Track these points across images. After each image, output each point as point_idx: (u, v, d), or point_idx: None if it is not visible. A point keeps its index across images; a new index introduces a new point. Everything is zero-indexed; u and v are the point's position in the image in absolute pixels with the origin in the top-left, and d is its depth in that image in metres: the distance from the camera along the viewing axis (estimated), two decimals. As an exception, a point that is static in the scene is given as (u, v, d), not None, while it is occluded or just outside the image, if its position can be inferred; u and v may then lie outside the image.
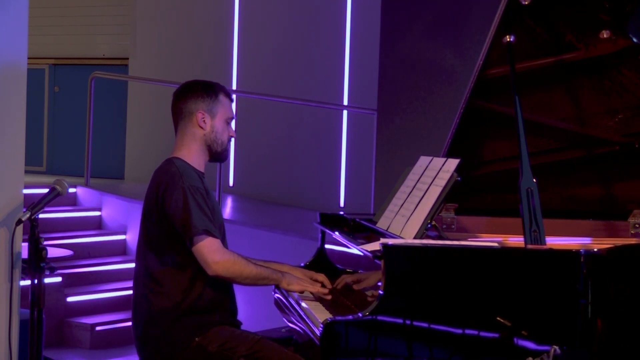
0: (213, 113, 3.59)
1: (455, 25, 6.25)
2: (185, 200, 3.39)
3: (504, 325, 3.12)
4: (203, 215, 3.39)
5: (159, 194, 3.46)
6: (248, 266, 3.44)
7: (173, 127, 3.70)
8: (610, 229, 4.00)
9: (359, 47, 8.25)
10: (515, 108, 3.48)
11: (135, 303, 3.56)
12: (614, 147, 3.99)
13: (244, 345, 3.40)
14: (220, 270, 3.37)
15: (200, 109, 3.59)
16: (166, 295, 3.44)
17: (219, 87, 3.66)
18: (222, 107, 3.62)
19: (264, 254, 3.90)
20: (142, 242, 3.55)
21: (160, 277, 3.46)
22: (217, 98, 3.61)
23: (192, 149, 3.59)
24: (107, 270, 7.15)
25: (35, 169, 9.64)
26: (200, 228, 3.36)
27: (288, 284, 3.53)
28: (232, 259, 3.40)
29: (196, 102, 3.60)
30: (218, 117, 3.60)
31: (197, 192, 3.43)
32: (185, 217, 3.37)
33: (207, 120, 3.58)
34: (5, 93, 3.95)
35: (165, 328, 3.43)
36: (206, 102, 3.59)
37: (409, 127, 6.45)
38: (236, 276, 3.42)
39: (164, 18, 9.66)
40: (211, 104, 3.60)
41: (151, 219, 3.50)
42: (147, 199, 3.55)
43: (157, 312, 3.45)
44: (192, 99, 3.61)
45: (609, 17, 3.75)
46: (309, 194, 8.33)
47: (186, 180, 3.44)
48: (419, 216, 3.44)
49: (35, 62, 9.35)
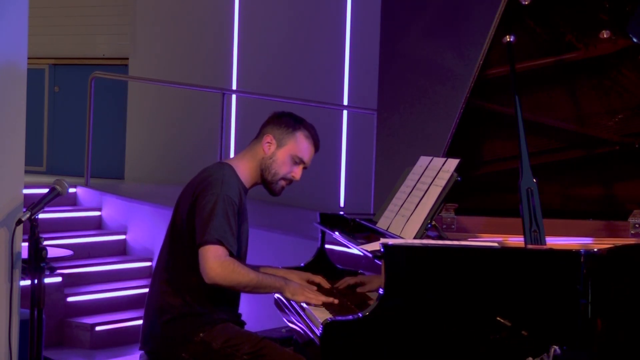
0: (281, 143, 3.60)
1: (455, 25, 6.24)
2: (215, 205, 3.38)
3: (504, 325, 3.12)
4: (226, 225, 3.37)
5: (195, 191, 3.47)
6: (247, 275, 3.39)
7: (175, 127, 3.70)
8: (610, 229, 4.00)
9: (359, 47, 8.25)
10: (515, 108, 3.48)
11: (149, 294, 3.59)
12: (614, 147, 3.99)
13: (247, 344, 3.42)
14: (217, 279, 3.34)
15: (271, 133, 3.61)
16: (177, 291, 3.47)
17: (303, 125, 3.66)
18: (294, 143, 3.61)
19: (264, 254, 3.90)
20: (168, 235, 3.58)
21: (174, 273, 3.49)
22: (293, 132, 3.62)
23: (247, 165, 3.61)
24: (107, 270, 7.15)
25: (35, 169, 9.65)
26: (215, 236, 3.34)
27: (292, 294, 3.49)
28: (231, 268, 3.35)
29: (272, 127, 3.63)
30: (285, 149, 3.60)
31: (230, 204, 3.42)
32: (207, 219, 3.36)
33: (272, 147, 3.60)
34: (5, 93, 3.95)
35: (171, 322, 3.46)
36: (281, 130, 3.61)
37: (409, 127, 6.45)
38: (234, 284, 3.38)
39: (164, 18, 9.66)
40: (284, 134, 3.61)
41: (182, 213, 3.51)
42: (185, 192, 3.56)
43: (166, 306, 3.47)
44: (272, 122, 3.65)
45: (609, 17, 3.74)
46: (309, 194, 8.33)
47: (225, 189, 3.43)
48: (419, 216, 3.44)
49: (35, 62, 9.36)
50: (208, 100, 8.82)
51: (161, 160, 9.59)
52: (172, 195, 3.96)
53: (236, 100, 9.05)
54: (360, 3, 8.27)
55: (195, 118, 9.25)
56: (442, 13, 6.37)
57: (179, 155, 9.38)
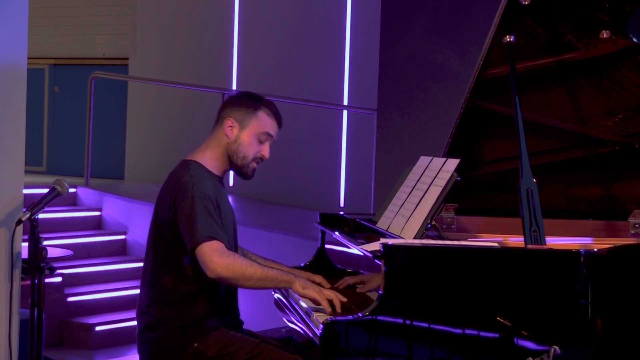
0: (243, 125, 3.49)
1: (455, 25, 6.25)
2: (193, 207, 3.28)
3: (504, 325, 3.12)
4: (211, 220, 3.28)
5: (171, 201, 3.38)
6: (252, 266, 3.28)
7: (175, 127, 3.69)
8: (610, 229, 4.00)
9: (359, 47, 8.25)
10: (515, 108, 3.48)
11: (139, 302, 3.52)
12: (614, 147, 3.99)
13: (243, 350, 3.35)
14: (220, 270, 3.20)
15: (231, 116, 3.50)
16: (167, 302, 3.40)
17: (263, 103, 3.55)
18: (257, 122, 3.50)
19: (264, 254, 3.89)
20: (151, 244, 3.49)
21: (163, 283, 3.41)
22: (254, 111, 3.50)
23: (213, 155, 3.52)
24: (107, 270, 7.15)
25: (35, 169, 9.66)
26: (204, 235, 3.24)
27: (303, 287, 3.33)
28: (233, 259, 3.23)
29: (231, 110, 3.52)
30: (248, 130, 3.49)
31: (207, 199, 3.33)
32: (191, 223, 3.26)
33: (235, 130, 3.49)
34: (5, 93, 3.95)
35: (165, 333, 3.39)
36: (241, 111, 3.50)
37: (409, 127, 6.45)
38: (238, 277, 3.24)
39: (164, 18, 9.66)
40: (245, 115, 3.50)
41: (162, 223, 3.43)
42: (159, 201, 3.47)
43: (158, 316, 3.41)
44: (230, 105, 3.54)
45: (609, 17, 3.75)
46: (309, 194, 8.33)
47: (197, 189, 3.34)
48: (419, 216, 3.43)
49: (35, 62, 9.36)
50: (208, 100, 8.81)
51: (161, 160, 9.57)
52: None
53: (236, 101, 9.04)
54: (360, 3, 8.27)
55: (195, 118, 9.24)
56: (442, 13, 6.38)
57: (178, 155, 9.26)
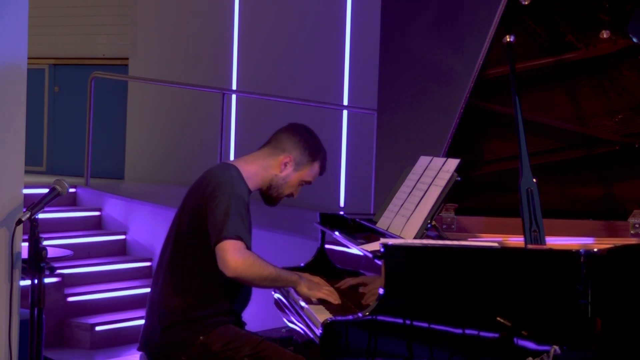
0: (298, 167, 3.60)
1: (456, 25, 6.24)
2: (229, 205, 3.36)
3: (504, 325, 3.12)
4: (241, 222, 3.37)
5: (205, 194, 3.44)
6: (268, 267, 3.39)
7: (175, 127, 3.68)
8: (610, 229, 4.00)
9: (359, 47, 8.25)
10: (515, 108, 3.48)
11: (150, 295, 3.58)
12: (614, 147, 3.99)
13: (247, 346, 3.40)
14: (241, 269, 3.30)
15: (291, 154, 3.59)
16: (179, 293, 3.45)
17: (322, 156, 3.65)
18: (310, 171, 3.63)
19: (264, 254, 3.88)
20: (172, 236, 3.55)
21: (177, 275, 3.47)
22: (312, 161, 3.62)
23: (257, 174, 3.59)
24: (107, 270, 7.15)
25: (35, 169, 9.65)
26: (232, 232, 3.32)
27: (309, 288, 3.49)
28: (252, 259, 3.33)
29: (293, 147, 3.60)
30: (299, 174, 3.61)
31: (242, 202, 3.41)
32: (223, 219, 3.34)
33: (289, 168, 3.59)
34: (5, 93, 3.95)
35: (172, 328, 3.44)
36: (303, 155, 3.60)
37: (409, 127, 6.45)
38: (255, 277, 3.35)
39: (164, 18, 9.66)
40: (303, 160, 3.61)
41: (188, 215, 3.49)
42: (190, 194, 3.54)
43: (168, 310, 3.46)
44: (294, 140, 3.61)
45: (609, 17, 3.75)
46: (309, 194, 8.32)
47: (236, 189, 3.43)
48: (419, 216, 3.44)
49: (35, 62, 9.36)
50: (208, 100, 8.82)
51: (161, 160, 9.59)
52: (172, 195, 3.96)
53: (236, 100, 9.05)
54: (360, 3, 8.27)
55: (195, 118, 9.25)
56: (442, 13, 6.37)
57: (179, 155, 9.38)
